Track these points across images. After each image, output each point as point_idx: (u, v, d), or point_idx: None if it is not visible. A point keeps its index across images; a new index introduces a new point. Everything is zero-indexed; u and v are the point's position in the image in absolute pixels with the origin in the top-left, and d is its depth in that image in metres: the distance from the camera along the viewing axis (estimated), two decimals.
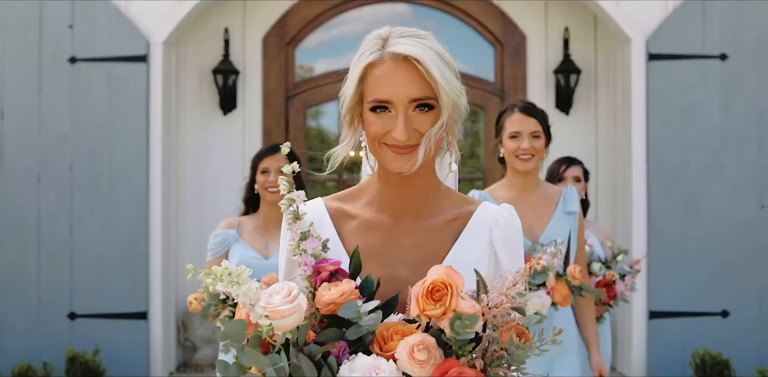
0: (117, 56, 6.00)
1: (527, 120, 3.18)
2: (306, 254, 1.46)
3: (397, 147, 1.52)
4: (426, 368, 1.33)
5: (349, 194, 1.68)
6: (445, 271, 1.36)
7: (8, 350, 5.86)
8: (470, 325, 1.32)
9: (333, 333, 1.38)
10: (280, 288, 1.37)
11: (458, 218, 1.62)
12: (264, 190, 3.51)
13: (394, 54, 1.51)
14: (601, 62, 6.72)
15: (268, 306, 1.34)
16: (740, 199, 5.98)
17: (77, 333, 5.92)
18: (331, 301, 1.38)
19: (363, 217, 1.62)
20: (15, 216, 5.96)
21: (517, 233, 1.63)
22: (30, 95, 5.99)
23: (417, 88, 1.50)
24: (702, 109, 6.01)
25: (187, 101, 6.66)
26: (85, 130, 6.00)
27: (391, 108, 1.51)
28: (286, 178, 1.48)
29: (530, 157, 3.18)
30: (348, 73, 1.58)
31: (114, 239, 5.98)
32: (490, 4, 6.74)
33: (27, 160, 5.98)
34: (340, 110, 1.60)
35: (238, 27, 6.72)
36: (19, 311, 5.93)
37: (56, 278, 5.96)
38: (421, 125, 1.51)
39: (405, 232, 1.60)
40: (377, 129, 1.53)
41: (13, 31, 5.99)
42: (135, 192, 6.00)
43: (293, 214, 1.48)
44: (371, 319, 1.36)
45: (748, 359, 5.83)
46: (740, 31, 6.00)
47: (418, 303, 1.35)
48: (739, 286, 5.94)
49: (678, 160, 6.00)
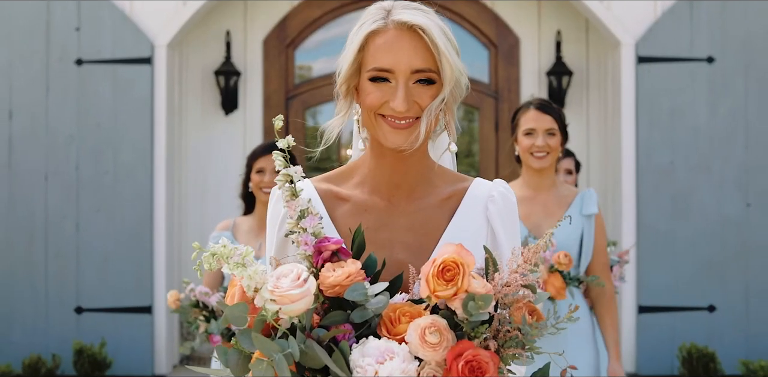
0: (122, 58, 6.07)
1: (542, 117, 3.09)
2: (306, 232, 1.37)
3: (396, 118, 1.45)
4: (439, 351, 1.25)
5: (339, 174, 1.60)
6: (455, 249, 1.28)
7: (17, 343, 5.94)
8: (484, 306, 1.25)
9: (339, 316, 1.31)
10: (288, 271, 1.29)
11: (452, 196, 1.55)
12: (259, 190, 3.40)
13: (398, 22, 1.45)
14: (592, 65, 6.78)
15: (277, 291, 1.26)
16: (726, 198, 6.05)
17: (84, 327, 6.00)
18: (336, 283, 1.31)
19: (355, 199, 1.54)
20: (23, 214, 6.03)
21: (513, 207, 1.57)
22: (37, 96, 6.07)
23: (420, 59, 1.44)
24: (690, 110, 6.07)
25: (190, 102, 6.73)
26: (91, 130, 6.07)
27: (392, 78, 1.45)
28: (282, 154, 1.40)
29: (545, 155, 3.08)
30: (346, 43, 1.51)
31: (119, 235, 6.06)
32: (484, 7, 6.82)
33: (35, 159, 6.05)
34: (336, 79, 1.52)
35: (240, 30, 6.79)
36: (27, 305, 6.01)
37: (63, 273, 6.03)
38: (421, 97, 1.45)
39: (400, 213, 1.53)
40: (375, 99, 1.46)
41: (20, 34, 6.06)
42: (139, 190, 6.08)
43: (290, 190, 1.40)
44: (379, 301, 1.29)
45: (734, 352, 5.91)
46: (727, 35, 6.07)
47: (428, 283, 1.27)
48: (725, 282, 6.01)
49: (666, 160, 6.08)
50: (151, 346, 6.07)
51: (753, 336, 6.00)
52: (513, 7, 6.84)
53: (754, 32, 6.06)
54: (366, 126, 1.51)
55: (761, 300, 6.01)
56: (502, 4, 6.84)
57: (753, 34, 6.07)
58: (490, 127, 6.84)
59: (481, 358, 1.25)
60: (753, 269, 6.03)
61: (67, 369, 5.88)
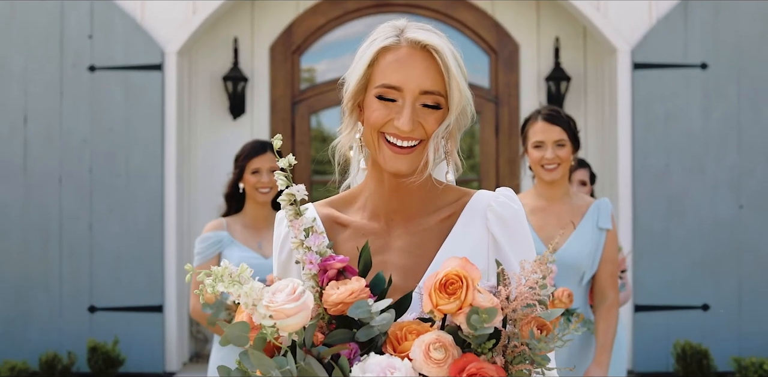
0: (134, 65, 6.16)
1: (551, 128, 2.97)
2: (311, 251, 1.34)
3: (399, 139, 1.39)
4: (443, 367, 1.20)
5: (341, 199, 1.54)
6: (459, 263, 1.24)
7: (33, 341, 6.01)
8: (488, 319, 1.20)
9: (342, 334, 1.26)
10: (283, 286, 1.25)
11: (452, 215, 1.48)
12: (255, 190, 3.31)
13: (412, 41, 1.40)
14: (590, 70, 6.83)
15: (272, 305, 1.21)
16: (720, 199, 6.11)
17: (97, 325, 6.08)
18: (339, 301, 1.26)
19: (355, 225, 1.49)
20: (38, 215, 6.11)
21: (517, 213, 1.47)
22: (52, 101, 6.15)
23: (430, 81, 1.39)
24: (684, 115, 6.14)
25: (199, 107, 6.78)
26: (103, 134, 6.15)
27: (399, 97, 1.39)
28: (284, 173, 1.36)
29: (555, 166, 2.97)
30: (355, 58, 1.44)
31: (131, 236, 6.13)
32: (485, 15, 6.88)
33: (49, 162, 6.13)
34: (342, 96, 1.47)
35: (247, 37, 6.87)
36: (42, 304, 6.08)
37: (77, 273, 6.11)
38: (426, 120, 1.39)
39: (397, 237, 1.47)
40: (380, 116, 1.40)
41: (36, 42, 6.13)
42: (151, 192, 6.16)
43: (294, 210, 1.36)
44: (383, 319, 1.24)
45: (727, 349, 5.97)
46: (720, 42, 6.13)
47: (430, 297, 1.23)
48: (718, 281, 6.07)
49: (661, 163, 6.14)
50: (162, 344, 6.14)
51: (745, 334, 6.06)
52: (513, 14, 6.90)
53: (746, 39, 6.13)
54: (368, 146, 1.45)
55: (753, 298, 6.08)
56: (502, 11, 6.90)
57: (745, 42, 6.14)
58: (491, 131, 6.93)
59: (485, 371, 1.20)
60: (745, 268, 6.09)
61: (81, 366, 5.95)
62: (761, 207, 6.14)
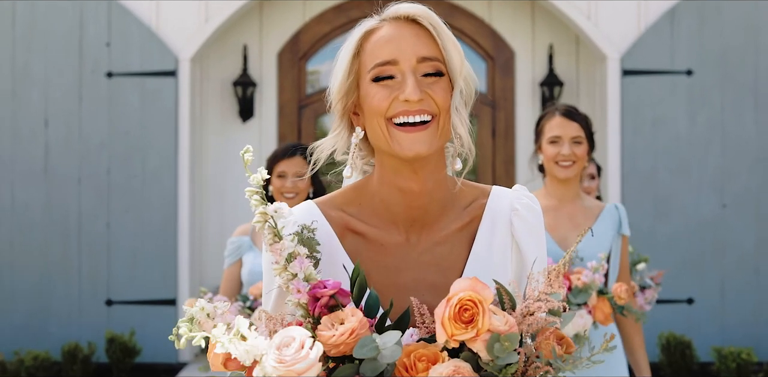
0: (149, 71, 6.26)
1: (569, 124, 2.74)
2: (297, 278, 1.14)
3: (410, 115, 1.21)
4: None
5: (346, 199, 1.34)
6: (469, 284, 1.10)
7: (54, 333, 6.14)
8: (510, 347, 1.07)
9: (348, 369, 1.11)
10: (289, 339, 1.09)
11: (473, 220, 1.32)
12: (279, 195, 3.12)
13: (394, 16, 1.26)
14: (581, 76, 6.90)
15: (281, 366, 1.07)
16: (704, 199, 6.21)
17: (114, 318, 6.19)
18: (340, 343, 1.10)
19: (370, 234, 1.30)
20: (58, 215, 6.21)
21: (540, 219, 1.34)
22: (71, 106, 6.25)
23: (425, 47, 1.23)
24: (670, 119, 6.22)
25: (211, 111, 6.86)
26: (120, 137, 6.25)
27: (397, 72, 1.23)
28: (255, 190, 1.18)
29: (571, 164, 2.73)
30: (336, 61, 1.28)
31: (146, 234, 6.24)
32: (482, 23, 6.98)
33: (69, 164, 6.23)
34: (328, 99, 1.30)
35: (256, 44, 6.97)
36: (62, 299, 6.19)
37: (95, 269, 6.22)
38: (433, 89, 1.22)
39: (421, 250, 1.29)
40: (382, 98, 1.22)
41: (56, 49, 6.23)
42: (165, 193, 6.26)
43: (272, 232, 1.15)
44: (389, 351, 1.08)
45: (709, 340, 6.08)
46: (705, 50, 6.22)
47: (444, 327, 1.08)
48: (702, 277, 6.18)
49: (649, 165, 6.23)
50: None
51: (727, 326, 6.17)
52: (509, 22, 6.99)
53: (730, 47, 6.22)
54: (376, 143, 1.27)
55: (735, 293, 6.18)
56: (499, 20, 6.98)
57: (729, 50, 6.22)
58: (488, 134, 7.03)
59: None
60: (728, 265, 6.20)
61: (100, 356, 6.06)
62: (743, 207, 6.23)
